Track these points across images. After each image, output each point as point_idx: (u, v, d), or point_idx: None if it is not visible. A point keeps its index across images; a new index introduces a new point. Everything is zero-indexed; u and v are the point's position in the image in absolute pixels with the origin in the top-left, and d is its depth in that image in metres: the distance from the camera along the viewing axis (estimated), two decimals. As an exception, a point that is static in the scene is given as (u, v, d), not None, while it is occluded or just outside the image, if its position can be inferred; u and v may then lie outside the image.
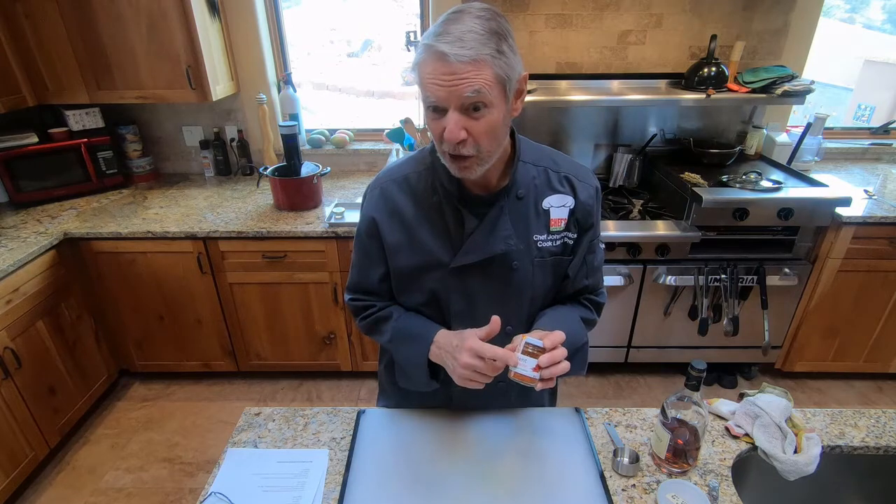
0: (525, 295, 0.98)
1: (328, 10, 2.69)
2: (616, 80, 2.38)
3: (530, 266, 0.96)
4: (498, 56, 0.76)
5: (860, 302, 2.18)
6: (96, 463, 2.04)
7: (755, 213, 1.99)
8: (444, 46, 0.73)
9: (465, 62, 0.73)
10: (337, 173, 2.64)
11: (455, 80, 0.74)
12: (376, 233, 0.97)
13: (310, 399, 2.37)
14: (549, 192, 0.95)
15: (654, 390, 2.39)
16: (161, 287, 2.17)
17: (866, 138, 2.67)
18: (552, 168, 0.96)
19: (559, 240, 0.97)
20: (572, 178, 0.96)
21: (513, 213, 0.93)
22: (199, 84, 2.17)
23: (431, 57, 0.75)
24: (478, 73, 0.75)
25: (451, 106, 0.77)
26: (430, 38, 0.76)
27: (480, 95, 0.75)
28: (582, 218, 0.97)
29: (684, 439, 0.92)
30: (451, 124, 0.77)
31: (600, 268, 1.06)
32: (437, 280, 0.96)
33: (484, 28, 0.75)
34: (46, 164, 2.25)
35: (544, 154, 0.98)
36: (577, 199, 0.95)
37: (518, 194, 0.93)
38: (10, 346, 1.76)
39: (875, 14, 3.54)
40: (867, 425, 1.05)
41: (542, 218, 0.95)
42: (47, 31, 2.06)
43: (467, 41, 0.73)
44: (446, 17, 0.78)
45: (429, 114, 0.82)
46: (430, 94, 0.77)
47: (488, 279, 0.95)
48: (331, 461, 0.99)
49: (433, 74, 0.76)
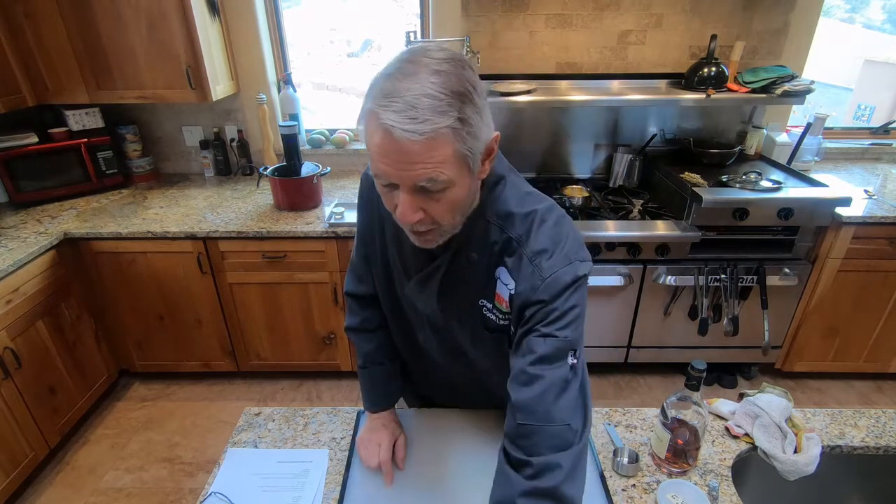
0: (472, 352, 0.90)
1: (328, 10, 2.69)
2: (616, 80, 2.38)
3: (471, 332, 0.85)
4: (460, 127, 0.61)
5: (860, 302, 2.18)
6: (96, 463, 2.04)
7: (755, 213, 1.99)
8: (391, 119, 0.58)
9: (416, 142, 0.59)
10: (337, 173, 2.64)
11: (405, 164, 0.61)
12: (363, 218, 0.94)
13: (310, 399, 2.37)
14: (501, 263, 0.77)
15: (654, 390, 2.39)
16: (161, 287, 2.16)
17: (866, 138, 2.67)
18: (517, 240, 0.75)
19: (504, 320, 0.80)
20: (524, 262, 0.74)
21: (456, 273, 0.80)
22: (199, 84, 2.17)
23: (377, 127, 0.60)
24: (433, 154, 0.60)
25: (402, 186, 0.64)
26: (375, 101, 0.61)
27: (436, 183, 0.63)
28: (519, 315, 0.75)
29: (684, 439, 0.92)
30: (403, 207, 0.65)
31: (566, 407, 0.70)
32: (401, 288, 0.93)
33: (443, 89, 0.59)
34: (46, 164, 2.25)
35: (522, 215, 0.76)
36: (516, 288, 0.75)
37: (469, 257, 0.78)
38: (10, 346, 1.76)
39: (875, 14, 3.54)
40: (867, 425, 1.05)
41: (490, 286, 0.79)
42: (47, 31, 2.06)
43: (421, 111, 0.58)
44: (398, 65, 0.62)
45: (377, 181, 0.68)
46: (379, 171, 0.64)
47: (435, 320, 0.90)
48: (331, 461, 0.99)
49: (380, 150, 0.62)
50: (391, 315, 1.02)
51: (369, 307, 1.04)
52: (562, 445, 0.69)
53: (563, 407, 0.70)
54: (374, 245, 0.93)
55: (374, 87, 0.62)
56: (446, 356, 0.98)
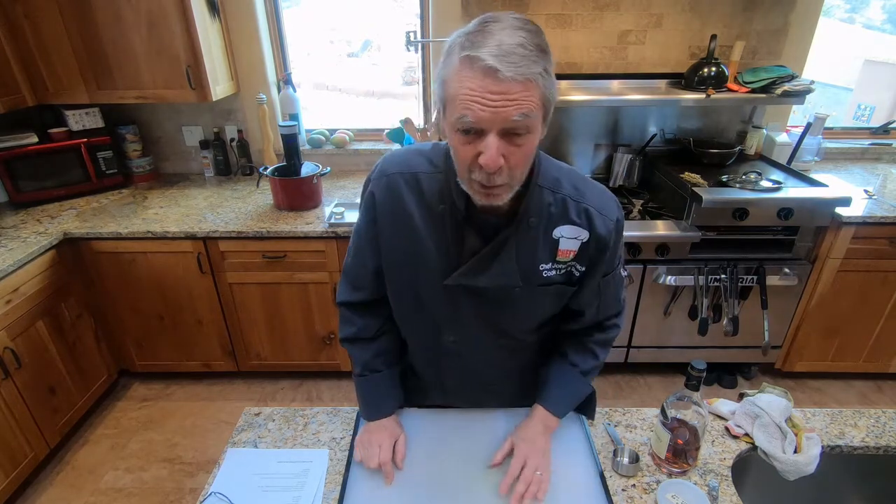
0: (522, 318, 0.95)
1: (328, 10, 2.69)
2: (616, 80, 2.38)
3: (530, 293, 0.90)
4: (546, 76, 0.67)
5: (860, 302, 2.18)
6: (96, 463, 2.04)
7: (755, 213, 1.99)
8: (493, 60, 0.63)
9: (516, 81, 0.64)
10: (337, 173, 2.64)
11: (504, 102, 0.65)
12: (376, 226, 0.91)
13: (310, 399, 2.37)
14: (562, 222, 0.85)
15: (654, 390, 2.39)
16: (161, 287, 2.16)
17: (866, 138, 2.67)
18: (572, 197, 0.85)
19: (564, 269, 0.89)
20: (592, 211, 0.86)
21: (520, 241, 0.86)
22: (199, 84, 2.17)
23: (476, 71, 0.64)
24: (528, 95, 0.65)
25: (492, 130, 0.67)
26: (471, 49, 0.65)
27: (527, 120, 0.67)
28: (596, 252, 0.88)
29: (684, 439, 0.92)
30: (491, 151, 0.68)
31: (617, 299, 0.99)
32: (430, 288, 0.91)
33: (532, 43, 0.66)
34: (46, 164, 2.25)
35: (566, 179, 0.87)
36: (593, 232, 0.86)
37: (529, 222, 0.84)
38: (10, 346, 1.76)
39: (875, 14, 3.54)
40: (867, 425, 1.05)
41: (549, 246, 0.87)
42: (47, 32, 2.06)
43: (517, 56, 0.64)
44: (483, 23, 0.67)
45: (457, 136, 0.71)
46: (469, 115, 0.67)
47: (483, 299, 0.90)
48: (331, 461, 0.99)
49: (476, 92, 0.65)
50: (411, 323, 1.00)
51: (367, 315, 1.02)
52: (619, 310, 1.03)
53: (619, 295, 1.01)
54: (395, 251, 0.91)
55: (460, 41, 0.67)
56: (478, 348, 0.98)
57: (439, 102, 0.73)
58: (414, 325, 1.01)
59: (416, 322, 1.00)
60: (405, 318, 1.01)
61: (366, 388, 1.05)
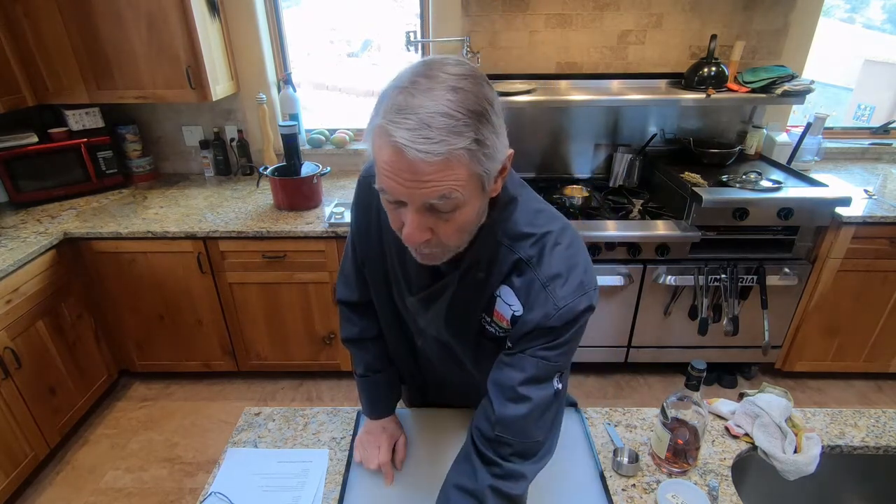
0: (468, 357, 0.90)
1: (328, 10, 2.69)
2: (616, 80, 2.38)
3: (473, 342, 0.84)
4: (476, 148, 0.57)
5: (860, 302, 2.18)
6: (96, 463, 2.04)
7: (755, 212, 1.99)
8: (403, 137, 0.55)
9: (430, 161, 0.55)
10: (337, 173, 2.64)
11: (416, 182, 0.57)
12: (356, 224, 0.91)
13: (310, 399, 2.37)
14: (506, 283, 0.75)
15: (654, 390, 2.39)
16: (161, 287, 2.16)
17: (866, 138, 2.67)
18: (528, 262, 0.73)
19: (501, 333, 0.80)
20: (536, 287, 0.72)
21: (463, 290, 0.78)
22: (198, 84, 2.17)
23: (387, 145, 0.57)
24: (446, 174, 0.57)
25: (411, 205, 0.61)
26: (386, 115, 0.57)
27: (449, 201, 0.59)
28: (523, 337, 0.74)
29: (684, 439, 0.92)
30: (410, 227, 0.62)
31: (543, 426, 0.76)
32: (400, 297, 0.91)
33: (460, 107, 0.56)
34: (46, 164, 2.25)
35: (534, 237, 0.73)
36: (525, 312, 0.73)
37: (477, 276, 0.76)
38: (10, 346, 1.76)
39: (875, 14, 3.54)
40: (867, 425, 1.05)
41: (490, 302, 0.78)
42: (47, 31, 2.06)
43: (436, 130, 0.55)
44: (412, 78, 0.58)
45: (383, 201, 0.65)
46: (385, 187, 0.61)
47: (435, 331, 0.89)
48: (331, 461, 0.99)
49: (389, 167, 0.58)
50: (388, 320, 1.00)
51: (366, 315, 1.02)
52: (529, 456, 0.76)
53: (539, 426, 0.76)
54: (372, 251, 0.90)
55: (385, 100, 0.59)
56: (444, 362, 0.98)
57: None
58: (390, 326, 1.01)
59: (391, 323, 1.00)
60: (382, 316, 1.01)
61: (368, 388, 1.05)
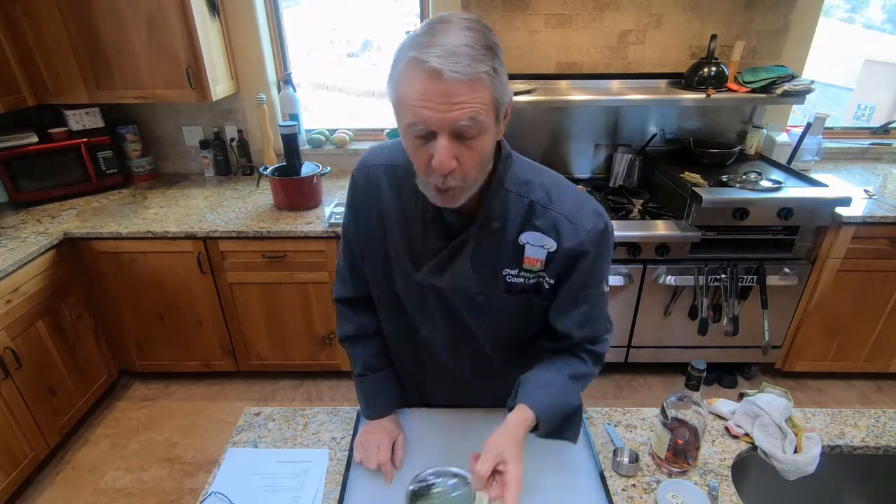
0: (485, 326, 0.93)
1: (328, 10, 2.69)
2: (616, 79, 2.38)
3: (495, 301, 0.88)
4: (494, 75, 0.66)
5: (860, 302, 2.18)
6: (96, 463, 2.04)
7: (755, 212, 1.99)
8: (436, 62, 0.62)
9: (461, 82, 0.63)
10: (337, 173, 2.64)
11: (451, 104, 0.64)
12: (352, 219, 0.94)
13: (310, 399, 2.37)
14: (528, 228, 0.82)
15: (654, 390, 2.39)
16: (161, 287, 2.16)
17: (866, 138, 2.67)
18: (541, 202, 0.82)
19: (533, 278, 0.86)
20: (560, 219, 0.82)
21: (481, 244, 0.83)
22: (199, 84, 2.17)
23: (420, 73, 0.64)
24: (475, 97, 0.65)
25: (442, 132, 0.67)
26: (416, 50, 0.64)
27: (476, 123, 0.66)
28: (566, 265, 0.84)
29: (684, 439, 0.92)
30: (442, 154, 0.67)
31: (600, 318, 0.93)
32: (402, 282, 0.92)
33: (476, 41, 0.64)
34: (46, 164, 2.25)
35: (539, 183, 0.84)
36: (561, 244, 0.82)
37: (492, 225, 0.82)
38: (10, 346, 1.76)
39: (875, 14, 3.54)
40: (867, 425, 1.05)
41: (515, 251, 0.84)
42: (47, 31, 2.06)
43: (462, 56, 0.63)
44: (431, 25, 0.66)
45: (410, 139, 0.71)
46: (418, 119, 0.67)
47: (448, 301, 0.90)
48: (331, 461, 0.99)
49: (422, 95, 0.65)
50: (389, 314, 1.00)
51: (363, 312, 1.03)
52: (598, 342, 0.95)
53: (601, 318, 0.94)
54: (373, 240, 0.92)
55: (408, 44, 0.66)
56: (452, 348, 0.98)
57: (392, 106, 0.72)
58: (392, 318, 1.01)
59: (393, 315, 1.00)
60: (383, 310, 1.01)
61: (366, 387, 1.05)
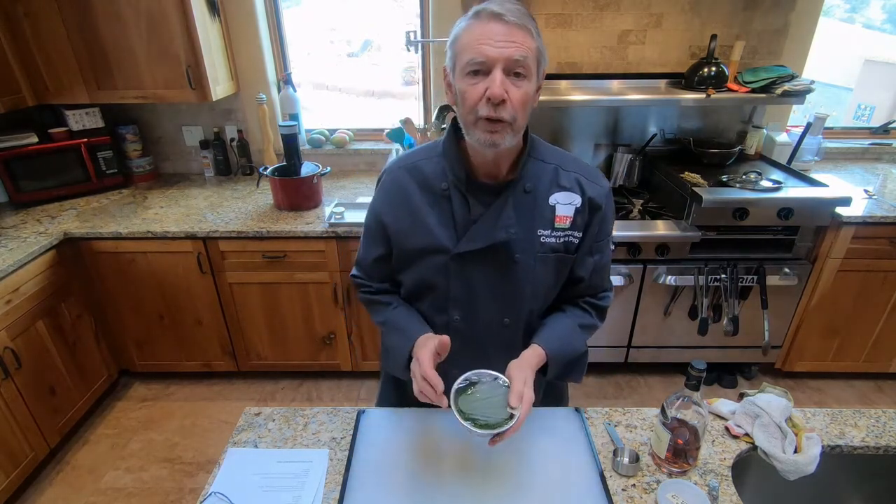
0: (525, 288, 0.98)
1: (328, 10, 2.69)
2: (616, 80, 2.38)
3: (532, 260, 0.96)
4: (538, 35, 0.83)
5: (860, 302, 2.18)
6: (96, 463, 2.04)
7: (755, 212, 1.99)
8: (497, 8, 0.79)
9: (518, 25, 0.79)
10: (337, 173, 2.64)
11: (508, 41, 0.79)
12: (381, 219, 1.00)
13: (310, 399, 2.37)
14: (556, 189, 0.95)
15: (654, 390, 2.39)
16: (161, 287, 2.16)
17: (866, 138, 2.67)
18: (562, 167, 0.97)
19: (563, 237, 0.97)
20: (581, 178, 0.96)
21: (518, 206, 0.94)
22: (199, 84, 2.17)
23: (484, 19, 0.80)
24: (527, 41, 0.80)
25: (497, 66, 0.80)
26: (478, 7, 0.81)
27: (525, 62, 0.80)
28: (589, 216, 0.97)
29: (684, 439, 0.92)
30: (497, 82, 0.79)
31: (605, 269, 1.06)
32: (440, 265, 0.96)
33: (523, 10, 0.82)
34: (46, 164, 2.25)
35: (555, 154, 0.99)
36: (585, 196, 0.96)
37: (525, 188, 0.94)
38: (10, 346, 1.76)
39: (875, 14, 3.54)
40: (867, 425, 1.05)
41: (547, 213, 0.95)
42: (47, 31, 2.06)
43: (516, 10, 0.80)
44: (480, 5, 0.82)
45: (465, 81, 0.83)
46: (477, 55, 0.80)
47: (489, 269, 0.96)
48: (331, 461, 0.99)
49: (484, 35, 0.79)
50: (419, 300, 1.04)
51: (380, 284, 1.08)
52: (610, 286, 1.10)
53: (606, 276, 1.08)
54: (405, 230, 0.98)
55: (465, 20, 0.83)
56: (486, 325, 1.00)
57: (450, 61, 0.86)
58: (420, 306, 1.04)
59: (422, 303, 1.03)
60: (412, 300, 1.05)
61: (400, 315, 1.02)
